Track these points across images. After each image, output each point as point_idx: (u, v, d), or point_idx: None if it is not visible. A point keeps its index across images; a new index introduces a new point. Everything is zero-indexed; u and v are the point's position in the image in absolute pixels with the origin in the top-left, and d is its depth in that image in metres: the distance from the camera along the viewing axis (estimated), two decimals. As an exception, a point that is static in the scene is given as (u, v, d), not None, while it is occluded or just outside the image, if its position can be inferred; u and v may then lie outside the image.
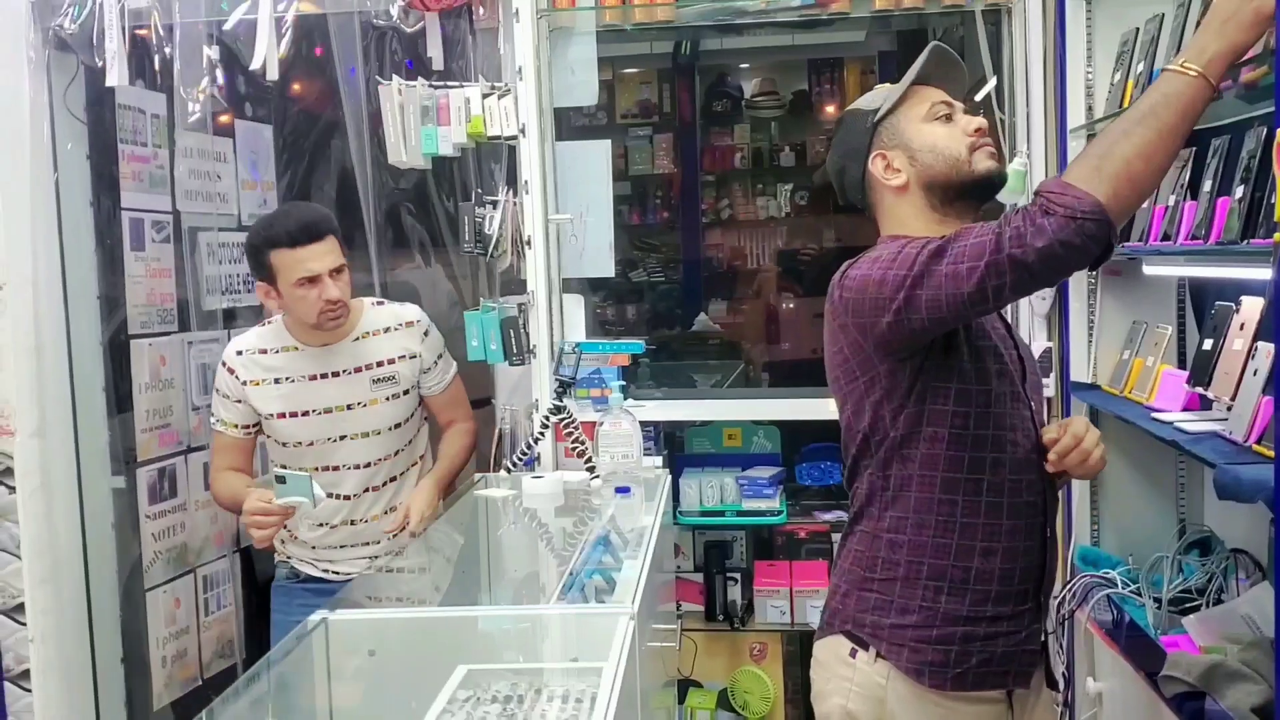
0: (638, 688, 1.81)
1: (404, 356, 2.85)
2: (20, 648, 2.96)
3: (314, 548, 2.90)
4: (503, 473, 3.02)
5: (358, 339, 2.83)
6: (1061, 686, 2.13)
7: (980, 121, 2.02)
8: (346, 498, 2.84)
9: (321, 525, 2.86)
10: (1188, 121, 1.72)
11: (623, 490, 2.71)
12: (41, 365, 3.03)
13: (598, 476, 2.83)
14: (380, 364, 2.82)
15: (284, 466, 2.74)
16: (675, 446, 3.48)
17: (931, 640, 1.93)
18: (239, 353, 2.83)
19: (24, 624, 2.96)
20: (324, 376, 2.79)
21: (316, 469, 2.77)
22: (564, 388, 2.99)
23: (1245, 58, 1.86)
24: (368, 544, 2.88)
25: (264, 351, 2.82)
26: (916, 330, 1.84)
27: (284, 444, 2.83)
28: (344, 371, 2.80)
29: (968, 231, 1.80)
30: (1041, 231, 1.69)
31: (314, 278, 2.65)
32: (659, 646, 2.35)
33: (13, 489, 2.94)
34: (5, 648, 2.95)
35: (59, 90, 3.14)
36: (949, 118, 2.03)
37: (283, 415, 2.80)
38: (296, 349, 2.80)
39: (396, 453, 2.88)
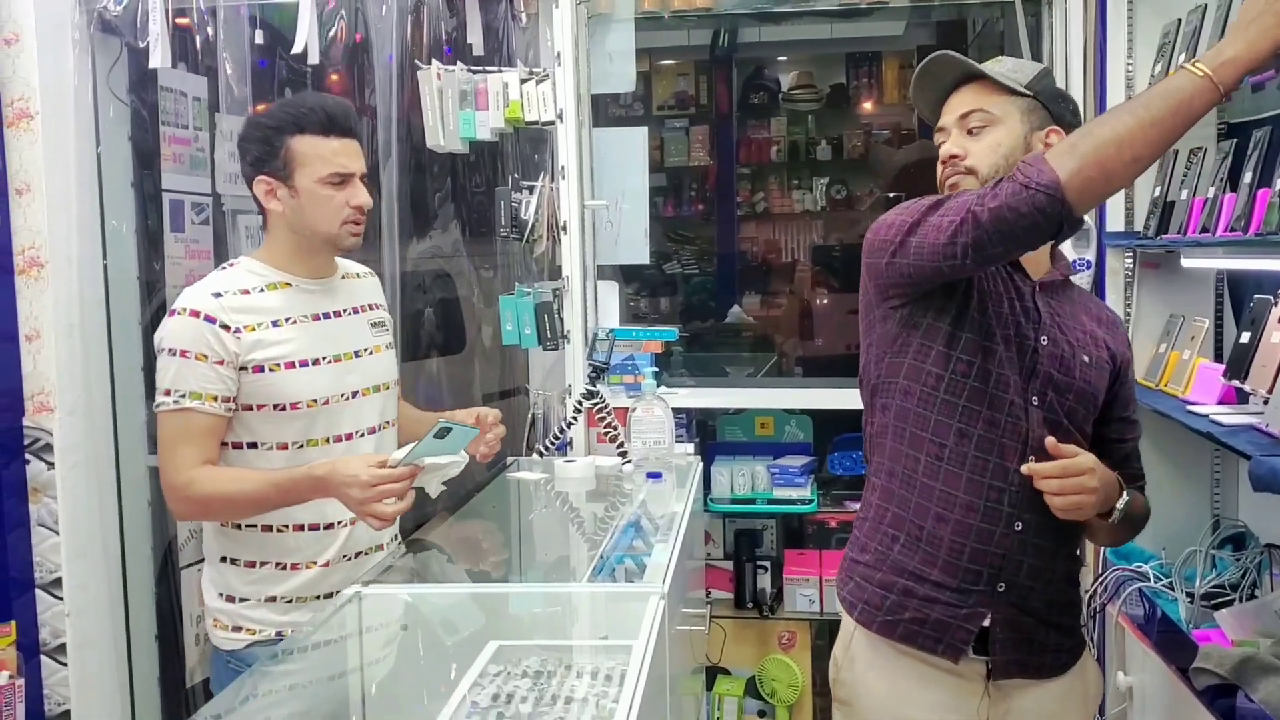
0: (667, 667, 1.81)
1: (381, 306, 2.48)
2: (57, 622, 3.00)
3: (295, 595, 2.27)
4: (535, 456, 3.04)
5: (344, 276, 2.40)
6: (1107, 678, 2.13)
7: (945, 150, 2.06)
8: (346, 524, 2.30)
9: (331, 526, 2.28)
10: (1180, 119, 1.71)
11: (654, 476, 2.72)
12: (81, 344, 3.07)
13: (629, 462, 2.84)
14: (370, 307, 2.42)
15: (300, 444, 2.23)
16: (707, 434, 3.49)
17: (874, 582, 2.02)
18: (216, 294, 2.18)
19: (61, 599, 3.00)
20: (326, 316, 2.31)
21: (327, 440, 2.25)
22: (597, 373, 3.00)
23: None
24: (365, 552, 2.33)
25: (246, 292, 2.21)
26: (905, 275, 1.92)
27: (285, 408, 2.20)
28: (344, 311, 2.35)
29: (970, 190, 1.88)
30: (998, 195, 1.75)
31: (346, 177, 2.21)
32: (688, 630, 2.36)
33: (51, 465, 2.98)
34: (42, 622, 2.99)
35: (103, 72, 3.17)
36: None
37: (292, 365, 2.21)
38: (289, 285, 2.26)
39: (389, 423, 2.42)
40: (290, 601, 2.25)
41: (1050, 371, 1.96)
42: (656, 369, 3.08)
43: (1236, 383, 2.40)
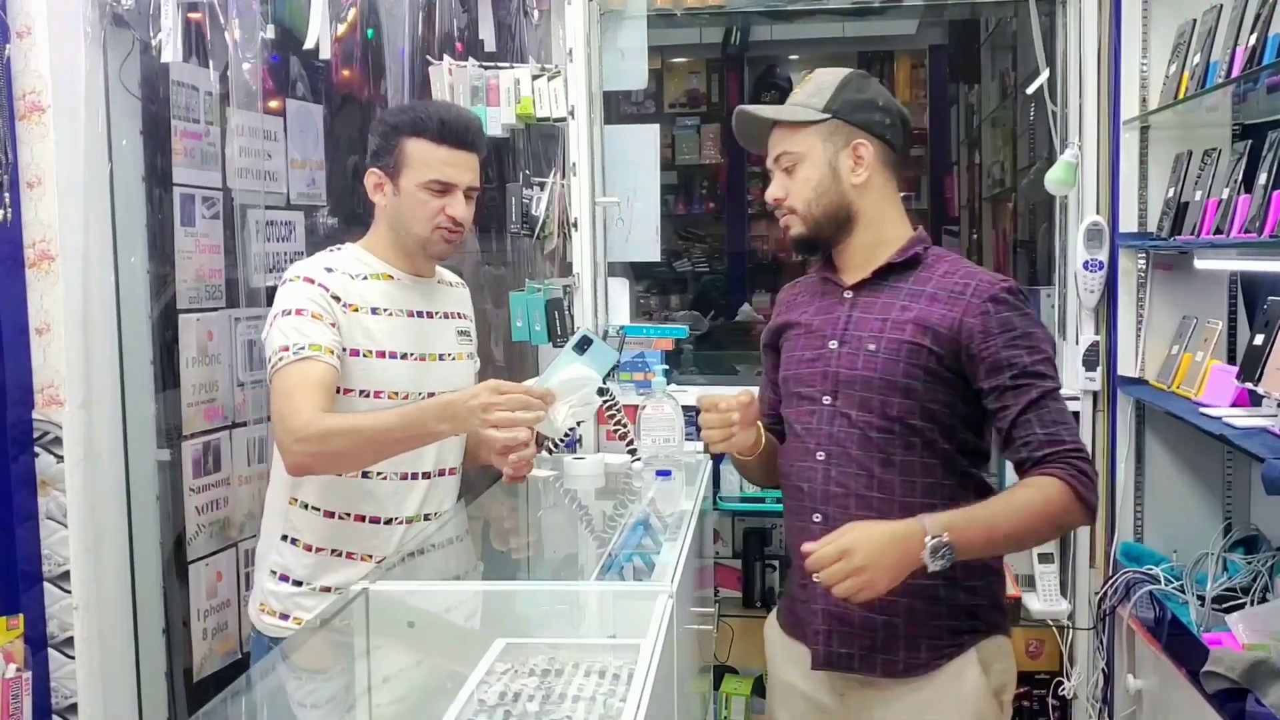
0: (675, 666, 1.81)
1: (468, 317, 2.53)
2: (64, 615, 2.99)
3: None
4: (544, 453, 3.03)
5: (440, 282, 2.47)
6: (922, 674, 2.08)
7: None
8: (425, 475, 2.36)
9: (390, 521, 2.32)
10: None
11: (663, 474, 2.71)
12: (91, 338, 3.07)
13: (639, 459, 2.83)
14: (459, 315, 2.48)
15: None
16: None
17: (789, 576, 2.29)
18: (329, 270, 2.27)
19: (69, 592, 2.99)
20: (419, 315, 2.36)
21: None
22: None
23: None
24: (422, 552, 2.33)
25: (353, 276, 2.29)
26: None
27: (370, 395, 2.26)
28: (435, 314, 2.40)
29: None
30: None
31: (448, 186, 2.25)
32: (696, 629, 2.35)
33: (60, 459, 2.98)
34: (50, 615, 2.99)
35: (114, 66, 3.17)
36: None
37: (384, 354, 2.27)
38: (390, 278, 2.33)
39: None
40: (343, 592, 2.18)
41: (838, 370, 2.08)
42: (666, 366, 3.07)
43: (1250, 385, 2.39)
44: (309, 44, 3.06)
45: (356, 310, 2.24)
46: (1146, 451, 3.03)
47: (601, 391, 2.84)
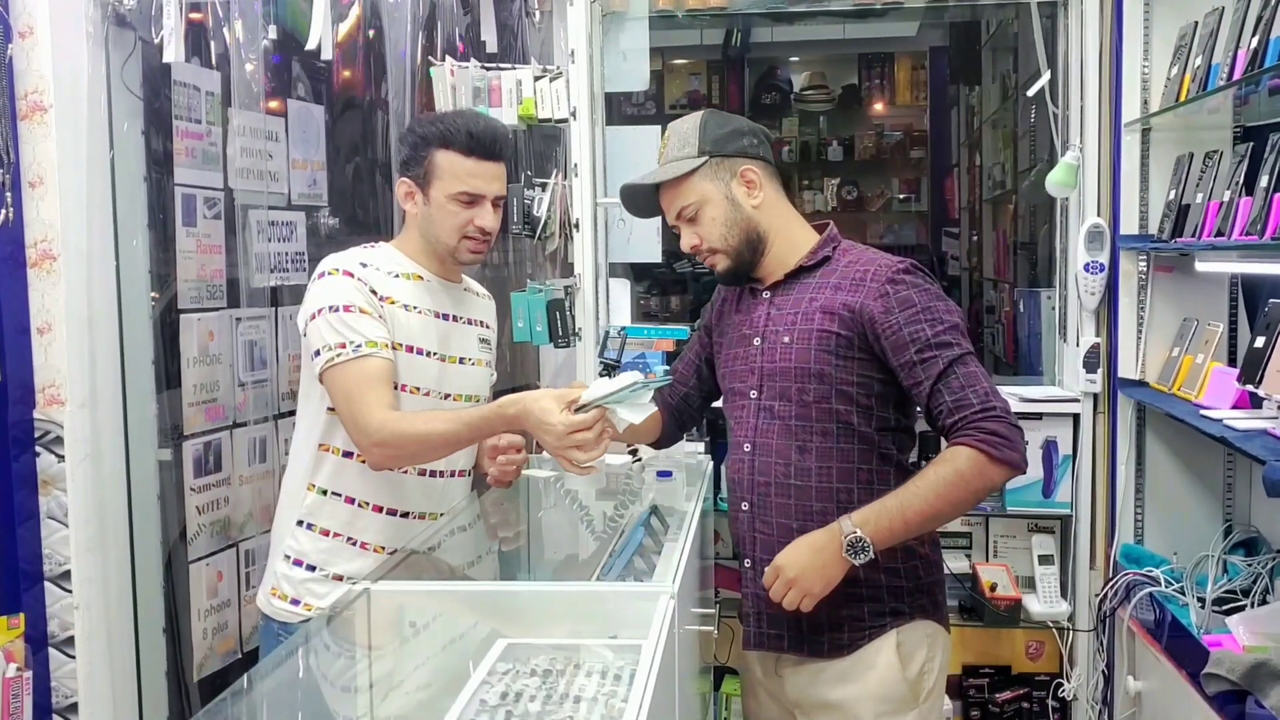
0: (676, 667, 1.81)
1: (491, 327, 2.56)
2: (65, 614, 3.00)
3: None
4: (545, 454, 3.03)
5: (466, 289, 2.51)
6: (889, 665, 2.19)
7: None
8: (439, 474, 2.40)
9: (406, 515, 2.37)
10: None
11: (664, 474, 2.72)
12: (92, 337, 3.07)
13: (640, 460, 2.83)
14: (482, 323, 2.51)
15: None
16: (718, 432, 3.48)
17: None
18: (363, 265, 2.30)
19: (70, 591, 2.99)
20: (445, 318, 2.40)
21: None
22: (608, 371, 2.99)
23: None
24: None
25: (386, 273, 2.33)
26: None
27: (396, 387, 2.28)
28: (460, 318, 2.44)
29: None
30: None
31: (476, 198, 2.30)
32: (697, 630, 2.35)
33: (61, 458, 2.98)
34: (51, 614, 2.99)
35: (116, 66, 3.17)
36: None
37: (412, 349, 2.30)
38: (421, 278, 2.37)
39: None
40: (355, 583, 2.19)
41: (762, 364, 2.22)
42: (667, 367, 3.07)
43: (1250, 387, 2.40)
44: (310, 45, 3.06)
45: (393, 303, 2.28)
46: (1147, 453, 3.03)
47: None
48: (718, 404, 2.49)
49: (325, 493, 2.33)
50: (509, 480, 2.49)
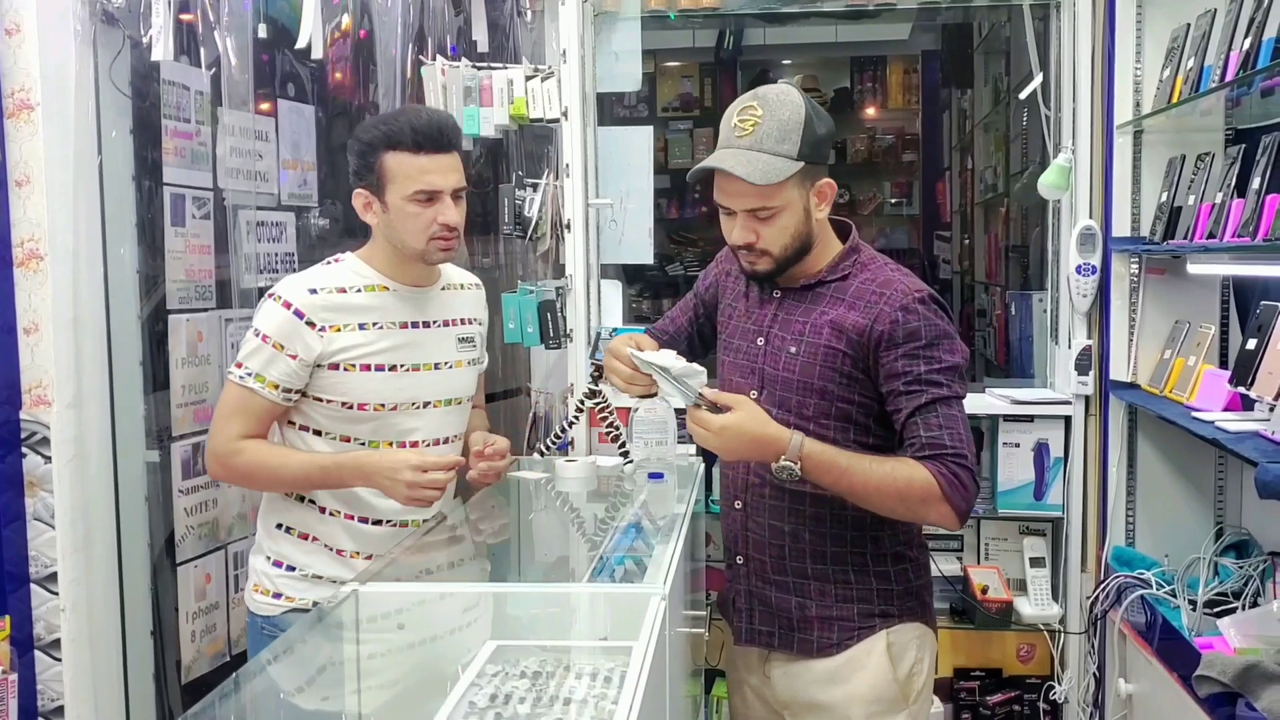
0: (666, 669, 1.80)
1: (476, 320, 2.51)
2: (51, 617, 2.97)
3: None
4: (536, 456, 3.02)
5: (444, 288, 2.45)
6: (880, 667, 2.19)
7: None
8: None
9: (381, 523, 2.36)
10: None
11: (656, 476, 2.70)
12: (80, 338, 3.04)
13: (631, 462, 2.83)
14: (463, 321, 2.45)
15: (364, 444, 2.30)
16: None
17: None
18: (312, 291, 2.25)
19: (56, 593, 2.97)
20: (414, 326, 2.34)
21: (390, 444, 2.32)
22: (600, 372, 2.98)
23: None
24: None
25: (343, 290, 2.28)
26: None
27: (352, 408, 2.28)
28: (433, 323, 2.38)
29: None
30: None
31: (434, 194, 2.23)
32: (687, 632, 2.34)
33: (48, 459, 2.96)
34: (36, 616, 2.97)
35: (105, 64, 3.15)
36: None
37: (368, 368, 2.27)
38: (386, 289, 2.32)
39: (457, 436, 2.47)
40: (336, 582, 2.26)
41: (765, 367, 2.19)
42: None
43: (1242, 389, 2.40)
44: (301, 44, 3.05)
45: (339, 330, 2.25)
46: (1138, 456, 3.03)
47: (593, 394, 2.84)
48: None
49: (303, 500, 2.36)
50: (488, 483, 2.47)
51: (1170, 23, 2.88)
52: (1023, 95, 3.17)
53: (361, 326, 2.27)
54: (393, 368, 2.29)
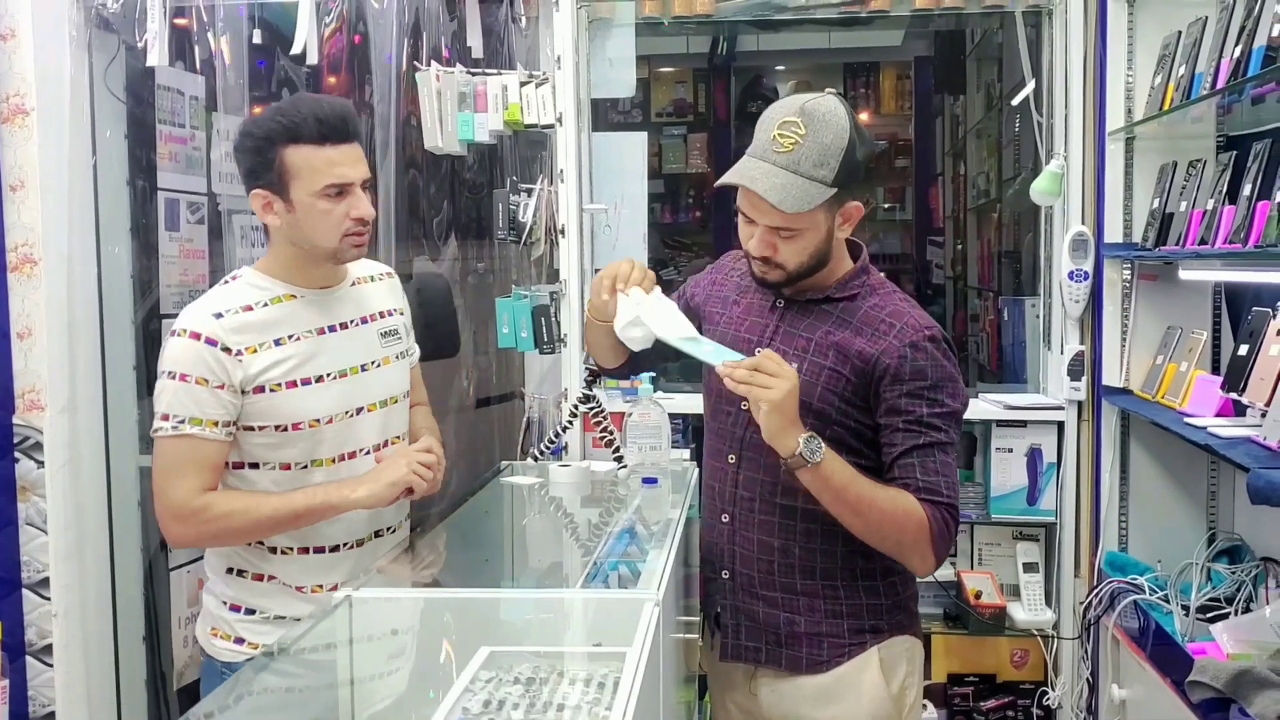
0: (660, 675, 1.80)
1: (396, 310, 2.35)
2: (43, 622, 2.97)
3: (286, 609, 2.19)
4: (529, 460, 3.02)
5: (354, 283, 2.28)
6: (880, 680, 2.15)
7: None
8: None
9: (339, 548, 2.21)
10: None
11: (650, 481, 2.70)
12: (73, 342, 3.05)
13: (625, 466, 2.82)
14: (382, 315, 2.29)
15: (304, 465, 2.14)
16: (703, 439, 3.47)
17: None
18: (218, 315, 2.08)
19: (48, 599, 2.97)
20: (332, 329, 2.18)
21: (332, 460, 2.17)
22: (594, 377, 2.98)
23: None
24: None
25: (249, 308, 2.10)
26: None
27: (286, 429, 2.11)
28: (351, 322, 2.22)
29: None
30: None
31: (345, 187, 2.07)
32: (682, 638, 2.34)
33: (41, 464, 2.96)
34: (28, 622, 2.97)
35: (99, 69, 3.15)
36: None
37: (294, 384, 2.11)
38: (294, 297, 2.15)
39: (399, 437, 2.31)
40: (300, 620, 2.08)
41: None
42: (653, 373, 3.06)
43: (1234, 395, 2.40)
44: (296, 49, 3.05)
45: (255, 350, 2.08)
46: (1131, 461, 3.04)
47: (587, 399, 2.85)
48: (701, 409, 2.49)
49: (251, 543, 2.18)
50: (432, 489, 2.25)
51: (1162, 30, 2.89)
52: (1015, 101, 3.18)
53: (277, 343, 2.10)
54: (319, 379, 2.13)
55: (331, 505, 2.11)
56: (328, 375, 2.15)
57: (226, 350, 2.05)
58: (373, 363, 2.23)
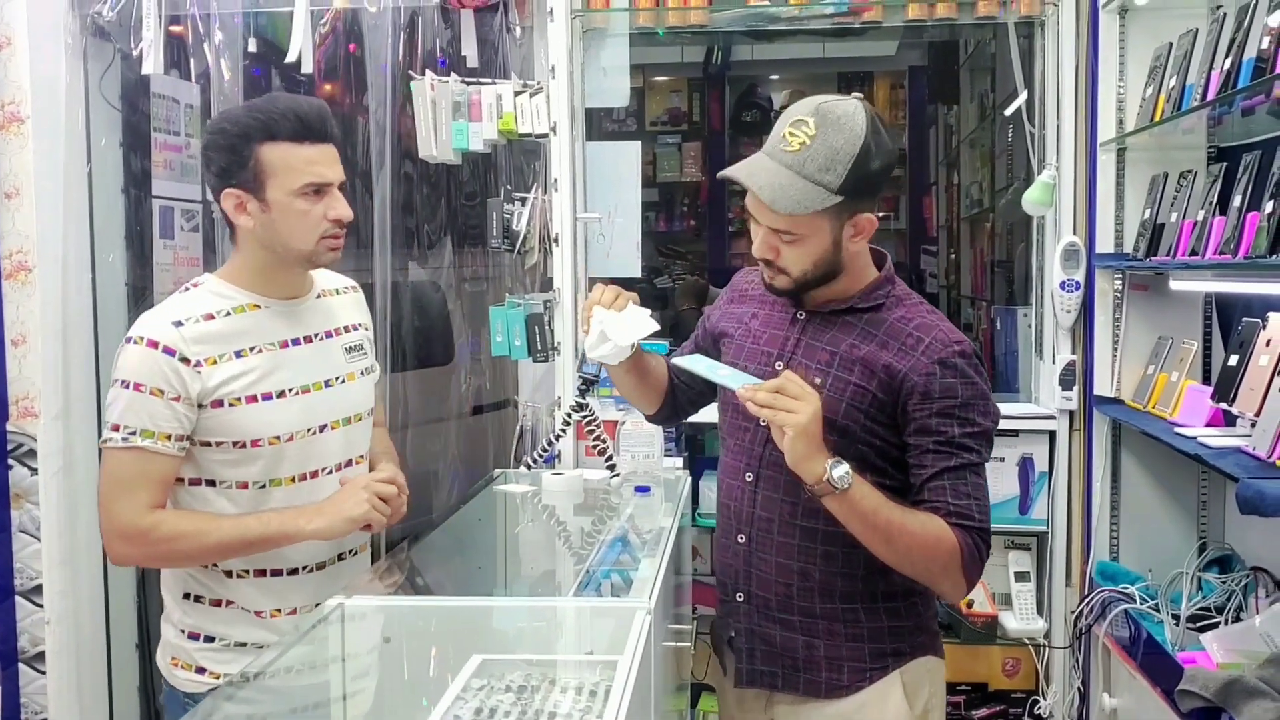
0: (652, 683, 1.80)
1: (361, 326, 2.27)
2: (36, 629, 2.97)
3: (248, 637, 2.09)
4: (523, 469, 3.03)
5: (320, 295, 2.20)
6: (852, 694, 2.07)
7: None
8: None
9: (297, 571, 2.11)
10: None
11: (642, 490, 2.71)
12: (67, 349, 3.05)
13: (618, 475, 2.83)
14: (347, 329, 2.22)
15: (263, 484, 2.05)
16: (696, 448, 3.48)
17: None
18: (177, 324, 1.98)
19: (41, 606, 2.97)
20: (296, 343, 2.10)
21: (292, 479, 2.08)
22: (587, 385, 2.98)
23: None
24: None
25: (210, 317, 2.01)
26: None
27: (245, 445, 2.02)
28: (315, 336, 2.14)
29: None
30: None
31: (323, 187, 2.01)
32: (673, 646, 2.35)
33: (35, 471, 2.96)
34: (21, 629, 2.97)
35: (95, 77, 3.16)
36: None
37: (254, 398, 2.02)
38: (258, 307, 2.07)
39: (363, 456, 2.23)
40: (262, 648, 2.03)
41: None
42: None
43: (1224, 405, 2.41)
44: (291, 57, 3.06)
45: (215, 362, 1.99)
46: (1122, 471, 3.05)
47: (580, 407, 2.85)
48: (698, 419, 2.50)
49: (206, 566, 2.08)
50: (386, 525, 2.16)
51: (1153, 42, 2.91)
52: (1008, 112, 3.20)
53: (239, 354, 2.02)
54: (280, 394, 2.05)
55: (286, 535, 2.02)
56: (290, 390, 2.07)
57: (185, 361, 1.96)
58: (337, 378, 2.15)
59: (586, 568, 2.25)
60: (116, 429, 1.96)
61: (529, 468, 3.00)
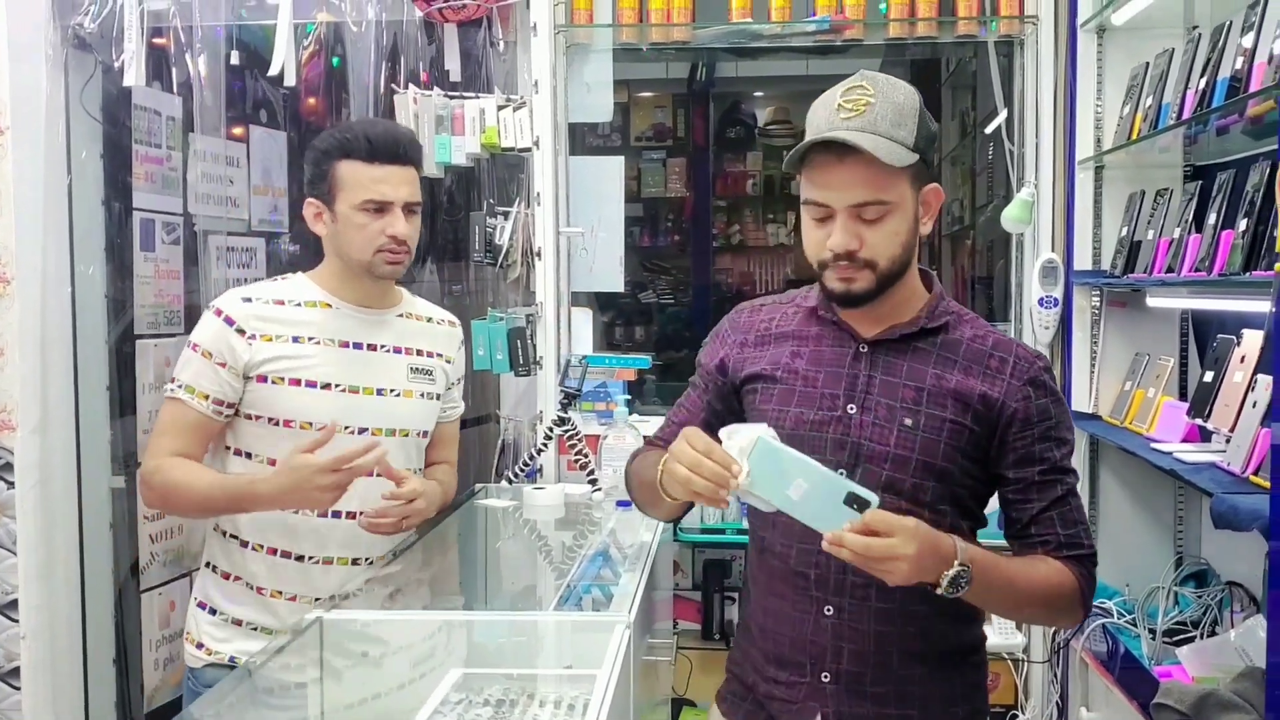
0: (631, 697, 1.80)
1: (442, 356, 2.39)
2: (11, 645, 2.95)
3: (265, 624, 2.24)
4: (504, 483, 3.03)
5: (402, 315, 2.35)
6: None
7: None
8: (350, 515, 2.21)
9: (303, 559, 2.24)
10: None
11: (624, 504, 2.72)
12: (46, 361, 3.03)
13: (600, 489, 2.84)
14: (421, 352, 2.34)
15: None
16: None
17: (732, 670, 1.99)
18: (246, 300, 2.22)
19: (16, 620, 2.95)
20: (358, 347, 2.25)
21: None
22: (569, 400, 3.00)
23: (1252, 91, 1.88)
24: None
25: (281, 303, 2.23)
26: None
27: (279, 423, 2.19)
28: (381, 347, 2.28)
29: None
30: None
31: (383, 205, 2.18)
32: (654, 661, 2.35)
33: (11, 484, 2.94)
34: (-2, 644, 2.95)
35: (76, 89, 3.15)
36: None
37: (298, 382, 2.18)
38: (329, 305, 2.26)
39: (413, 470, 2.32)
40: (256, 630, 2.23)
41: (860, 440, 1.77)
42: (629, 397, 3.08)
43: (1200, 421, 2.43)
44: (274, 70, 3.06)
45: (270, 340, 2.19)
46: (1100, 486, 3.06)
47: (562, 421, 2.85)
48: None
49: (225, 534, 2.27)
50: (384, 532, 2.23)
51: (1130, 61, 2.94)
52: (988, 130, 3.23)
53: (295, 340, 2.21)
54: (326, 385, 2.21)
55: (245, 494, 2.15)
56: (335, 385, 2.22)
57: (240, 332, 2.17)
58: (392, 390, 2.28)
59: (567, 582, 2.25)
60: (172, 380, 2.21)
61: (510, 482, 3.00)
